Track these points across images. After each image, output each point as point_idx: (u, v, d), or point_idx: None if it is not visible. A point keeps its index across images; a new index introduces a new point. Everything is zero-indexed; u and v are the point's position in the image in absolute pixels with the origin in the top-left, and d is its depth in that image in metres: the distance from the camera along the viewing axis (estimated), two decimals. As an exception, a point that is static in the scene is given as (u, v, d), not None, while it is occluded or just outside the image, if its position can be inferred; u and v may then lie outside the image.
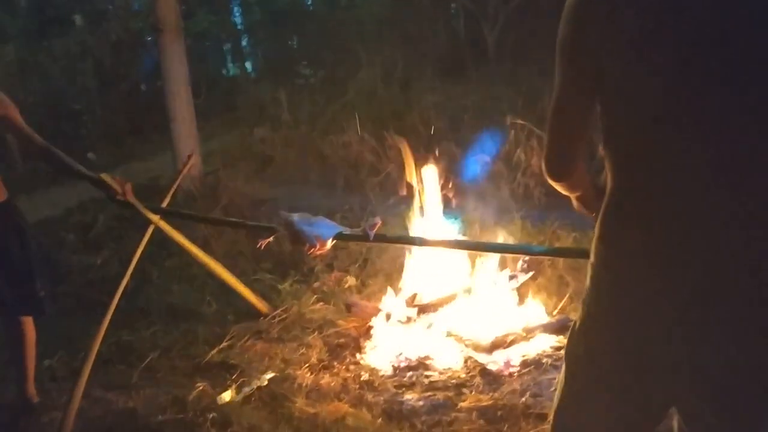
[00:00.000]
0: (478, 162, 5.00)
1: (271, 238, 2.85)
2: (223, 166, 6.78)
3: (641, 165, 1.20)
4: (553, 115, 1.31)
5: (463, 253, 3.47)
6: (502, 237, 3.76)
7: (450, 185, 3.65)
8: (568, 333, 1.42)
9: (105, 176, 2.90)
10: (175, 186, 3.50)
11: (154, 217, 3.16)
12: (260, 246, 2.85)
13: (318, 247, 2.57)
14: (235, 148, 7.71)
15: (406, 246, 4.17)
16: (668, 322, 1.21)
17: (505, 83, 6.92)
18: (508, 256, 3.48)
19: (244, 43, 13.14)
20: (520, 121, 5.31)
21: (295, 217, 2.69)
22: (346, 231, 2.62)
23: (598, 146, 1.28)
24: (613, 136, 1.25)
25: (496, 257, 3.46)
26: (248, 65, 13.11)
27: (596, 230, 1.31)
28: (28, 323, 2.93)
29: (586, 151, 1.38)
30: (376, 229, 2.51)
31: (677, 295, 1.20)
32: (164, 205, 3.36)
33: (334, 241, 2.69)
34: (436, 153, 3.81)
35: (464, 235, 3.92)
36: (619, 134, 1.23)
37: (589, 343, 1.35)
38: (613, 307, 1.29)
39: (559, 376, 1.49)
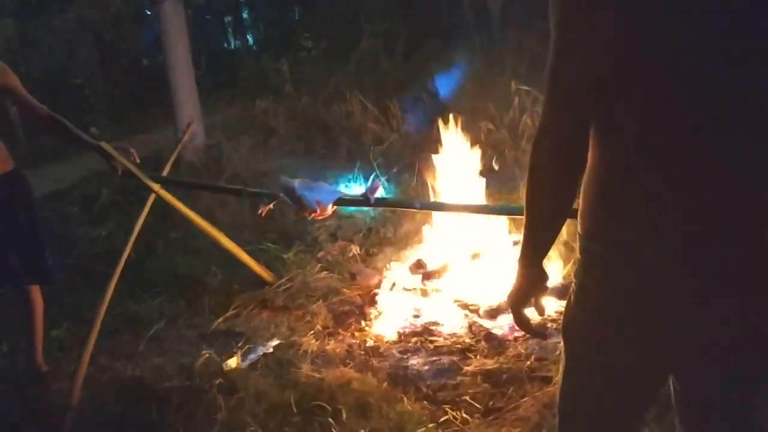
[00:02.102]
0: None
1: (271, 205, 2.85)
2: (225, 138, 6.75)
3: (638, 140, 1.15)
4: (551, 72, 1.20)
5: (469, 219, 3.46)
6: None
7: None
8: (564, 311, 1.38)
9: (105, 145, 2.90)
10: (175, 154, 3.50)
11: (155, 186, 3.16)
12: (261, 213, 2.85)
13: (319, 211, 2.57)
14: (238, 120, 7.66)
15: (409, 213, 4.18)
16: (664, 290, 1.19)
17: (509, 51, 6.83)
18: (514, 221, 3.47)
19: (245, 15, 13.00)
20: (525, 87, 5.25)
21: (296, 182, 2.69)
22: (347, 195, 2.61)
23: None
24: (608, 113, 1.18)
25: (501, 223, 3.45)
26: (249, 38, 12.97)
27: (581, 201, 1.26)
28: (37, 294, 2.95)
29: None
30: (377, 193, 2.50)
31: (672, 262, 1.17)
32: (164, 173, 3.36)
33: (335, 206, 2.69)
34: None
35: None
36: (617, 109, 1.16)
37: (585, 317, 1.31)
38: (605, 279, 1.25)
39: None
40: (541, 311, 1.41)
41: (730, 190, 1.12)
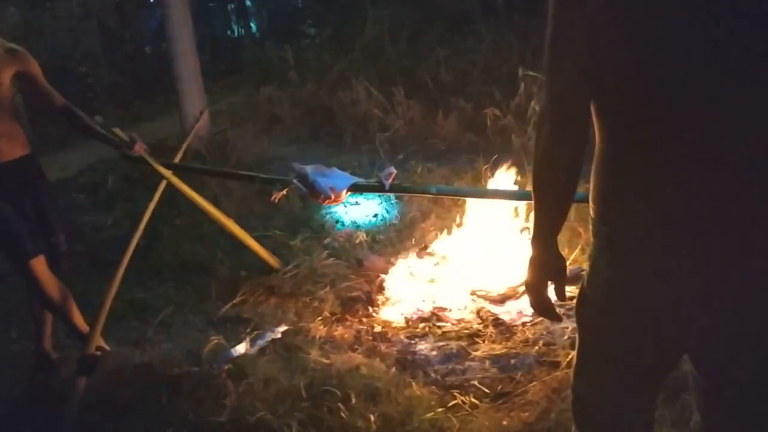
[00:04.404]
0: None
1: (284, 191, 2.85)
2: (230, 125, 6.75)
3: (645, 117, 1.14)
4: (549, 54, 1.20)
5: (479, 204, 3.46)
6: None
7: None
8: (577, 293, 1.38)
9: (117, 131, 2.93)
10: (187, 142, 3.50)
11: (166, 173, 3.16)
12: (274, 199, 2.85)
13: (333, 198, 2.56)
14: (243, 107, 7.66)
15: (416, 199, 4.17)
16: (674, 272, 1.18)
17: (515, 36, 6.78)
18: (521, 207, 3.45)
19: (248, 2, 12.95)
20: (531, 73, 5.22)
21: (309, 169, 2.68)
22: (361, 181, 2.61)
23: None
24: (609, 95, 1.17)
25: (509, 209, 3.44)
26: (253, 25, 12.93)
27: (592, 184, 1.26)
28: None
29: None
30: (392, 179, 2.49)
31: (682, 244, 1.16)
32: (176, 161, 3.36)
33: (349, 191, 2.68)
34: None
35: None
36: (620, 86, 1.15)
37: (598, 298, 1.32)
38: (617, 261, 1.25)
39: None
40: (562, 296, 1.41)
41: (739, 172, 1.11)
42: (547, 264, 1.37)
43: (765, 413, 1.28)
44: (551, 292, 1.41)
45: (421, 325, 3.08)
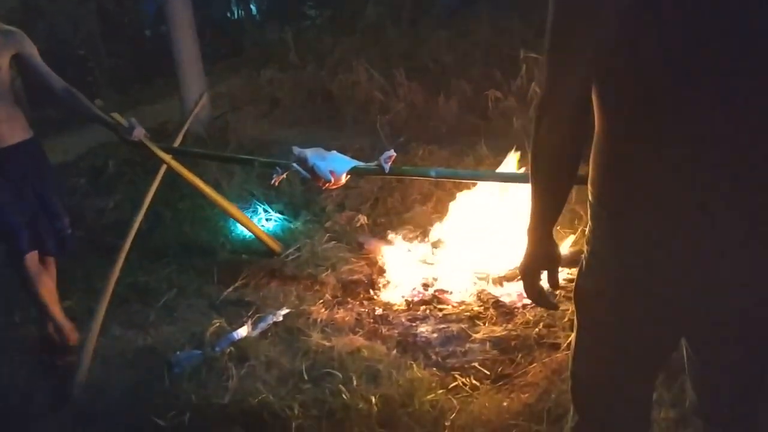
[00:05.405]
0: None
1: (284, 175, 2.84)
2: (231, 109, 6.72)
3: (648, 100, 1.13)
4: (551, 39, 1.17)
5: (478, 187, 3.45)
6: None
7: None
8: (576, 276, 1.38)
9: (116, 116, 2.92)
10: (186, 126, 3.49)
11: (166, 157, 3.16)
12: (274, 182, 2.85)
13: (333, 181, 2.56)
14: (243, 90, 7.61)
15: (416, 183, 4.17)
16: (672, 255, 1.18)
17: (517, 16, 6.72)
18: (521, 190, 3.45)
19: (248, -16, 12.86)
20: (533, 55, 5.18)
21: (309, 152, 2.68)
22: (361, 165, 2.60)
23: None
24: (611, 79, 1.16)
25: (510, 191, 3.43)
26: (253, 7, 12.83)
27: (591, 166, 1.26)
28: (51, 265, 2.97)
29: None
30: (391, 162, 2.49)
31: (681, 227, 1.16)
32: (175, 144, 3.35)
33: (349, 175, 2.68)
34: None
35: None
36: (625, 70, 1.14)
37: (595, 282, 1.32)
38: (615, 245, 1.25)
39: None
40: (554, 284, 1.41)
41: (744, 147, 1.10)
42: (541, 254, 1.37)
43: (757, 393, 1.30)
44: (545, 280, 1.42)
45: (422, 307, 3.09)
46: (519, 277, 1.51)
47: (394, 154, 2.60)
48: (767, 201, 1.12)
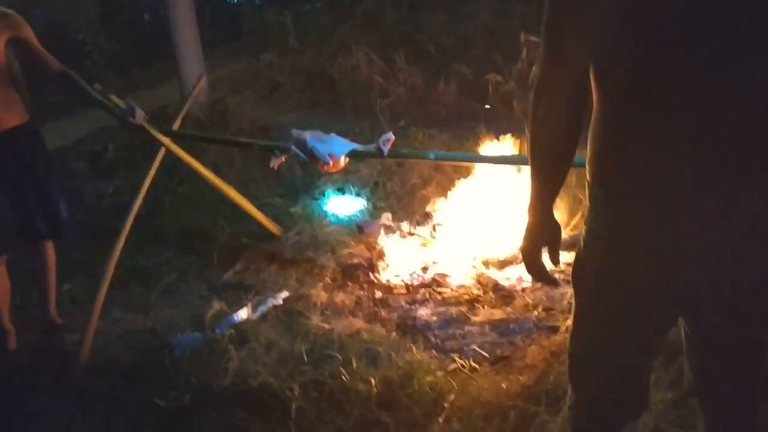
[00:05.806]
0: None
1: (283, 158, 2.84)
2: (230, 93, 6.69)
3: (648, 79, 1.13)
4: (548, 20, 1.19)
5: (479, 170, 3.45)
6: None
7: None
8: (574, 258, 1.39)
9: (115, 98, 2.90)
10: (185, 109, 3.48)
11: (165, 140, 3.15)
12: (273, 166, 2.84)
13: (331, 164, 2.55)
14: (242, 75, 7.58)
15: (416, 166, 4.16)
16: (671, 234, 1.18)
17: (517, 0, 6.68)
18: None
19: (247, -33, 12.77)
20: (533, 38, 5.15)
21: (307, 135, 2.67)
22: (360, 147, 2.60)
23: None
24: (609, 59, 1.16)
25: (509, 174, 3.43)
26: (252, -9, 12.76)
27: (589, 147, 1.26)
28: (50, 248, 2.98)
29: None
30: (390, 145, 2.48)
31: (678, 206, 1.16)
32: (174, 128, 3.35)
33: (348, 158, 2.67)
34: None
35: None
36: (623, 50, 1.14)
37: (594, 262, 1.33)
38: (613, 224, 1.26)
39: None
40: (555, 260, 1.42)
41: (742, 123, 1.10)
42: (542, 231, 1.38)
43: (755, 380, 1.31)
44: (546, 257, 1.42)
45: (422, 290, 3.10)
46: (519, 257, 1.52)
47: (393, 137, 2.60)
48: (763, 178, 1.12)
